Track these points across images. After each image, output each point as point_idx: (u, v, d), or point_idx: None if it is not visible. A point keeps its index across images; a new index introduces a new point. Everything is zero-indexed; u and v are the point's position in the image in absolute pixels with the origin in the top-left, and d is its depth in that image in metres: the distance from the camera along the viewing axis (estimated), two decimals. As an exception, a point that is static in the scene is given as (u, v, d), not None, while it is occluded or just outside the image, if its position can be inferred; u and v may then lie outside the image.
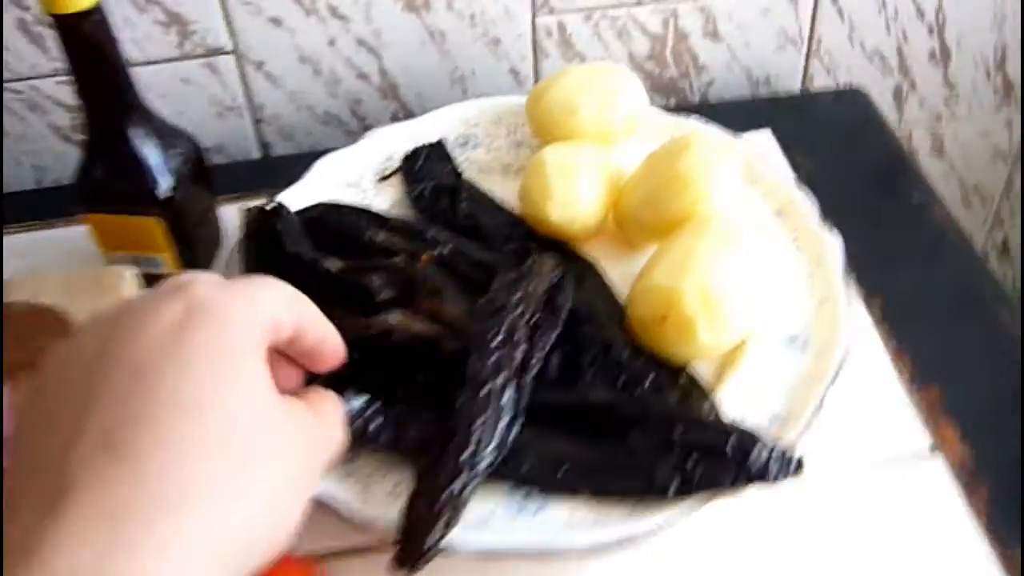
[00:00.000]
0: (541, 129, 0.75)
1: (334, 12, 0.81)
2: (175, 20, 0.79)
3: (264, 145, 0.89)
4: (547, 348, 0.59)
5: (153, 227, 0.68)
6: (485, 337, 0.57)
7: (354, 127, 0.89)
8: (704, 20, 0.87)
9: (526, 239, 0.70)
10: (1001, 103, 0.99)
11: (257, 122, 0.87)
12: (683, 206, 0.66)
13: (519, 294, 0.60)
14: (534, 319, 0.59)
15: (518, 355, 0.57)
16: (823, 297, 0.65)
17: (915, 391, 0.63)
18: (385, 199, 0.75)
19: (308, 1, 0.80)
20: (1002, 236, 1.12)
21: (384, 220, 0.70)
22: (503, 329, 0.58)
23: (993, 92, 0.98)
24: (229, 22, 0.80)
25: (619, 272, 0.67)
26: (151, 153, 0.66)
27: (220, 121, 0.86)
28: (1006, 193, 1.07)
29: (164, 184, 0.67)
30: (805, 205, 0.71)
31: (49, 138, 0.84)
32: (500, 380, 0.55)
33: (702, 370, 0.62)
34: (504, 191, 0.73)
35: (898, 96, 0.96)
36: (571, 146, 0.71)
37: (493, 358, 0.56)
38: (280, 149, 0.89)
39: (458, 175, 0.74)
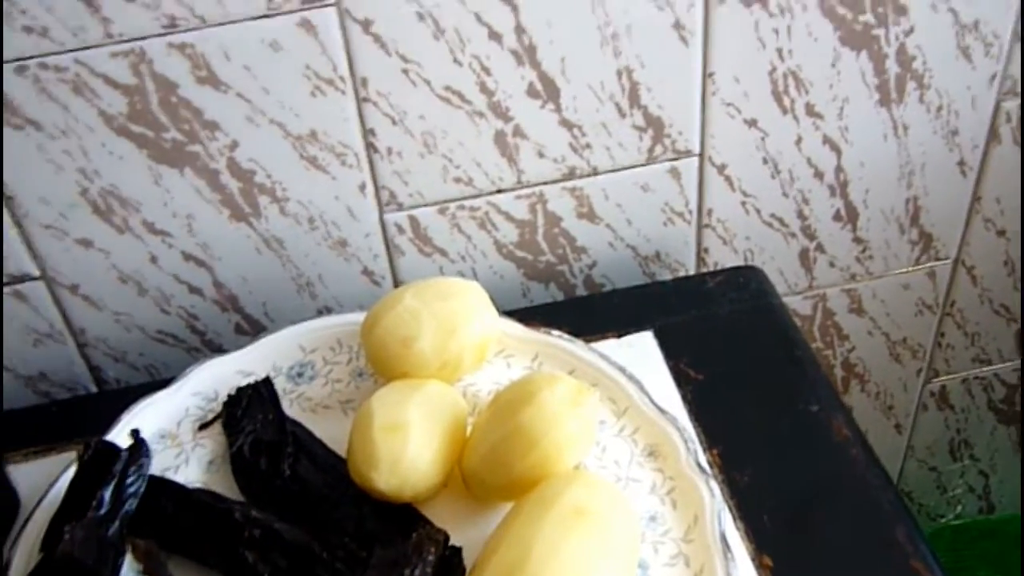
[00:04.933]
0: (378, 364, 0.65)
1: (151, 228, 0.72)
2: (-33, 250, 0.70)
3: (93, 369, 0.79)
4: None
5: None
6: None
7: (194, 343, 0.79)
8: (576, 202, 0.78)
9: (359, 502, 0.60)
10: (920, 256, 0.90)
11: (81, 347, 0.77)
12: (531, 467, 0.56)
13: None
14: None
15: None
16: (699, 568, 0.55)
17: None
18: (205, 453, 0.65)
19: (119, 220, 0.71)
20: (940, 386, 1.02)
21: (183, 496, 0.59)
22: None
23: (910, 246, 0.89)
24: (31, 247, 0.71)
25: (468, 538, 0.57)
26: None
27: (39, 348, 0.76)
28: (937, 343, 0.98)
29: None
30: (681, 442, 0.61)
31: None
32: None
33: None
34: (342, 433, 0.63)
35: (805, 259, 0.87)
36: (406, 390, 0.61)
37: None
38: (112, 372, 0.79)
39: (283, 425, 0.64)
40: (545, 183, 0.76)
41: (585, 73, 0.71)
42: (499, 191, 0.76)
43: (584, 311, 0.75)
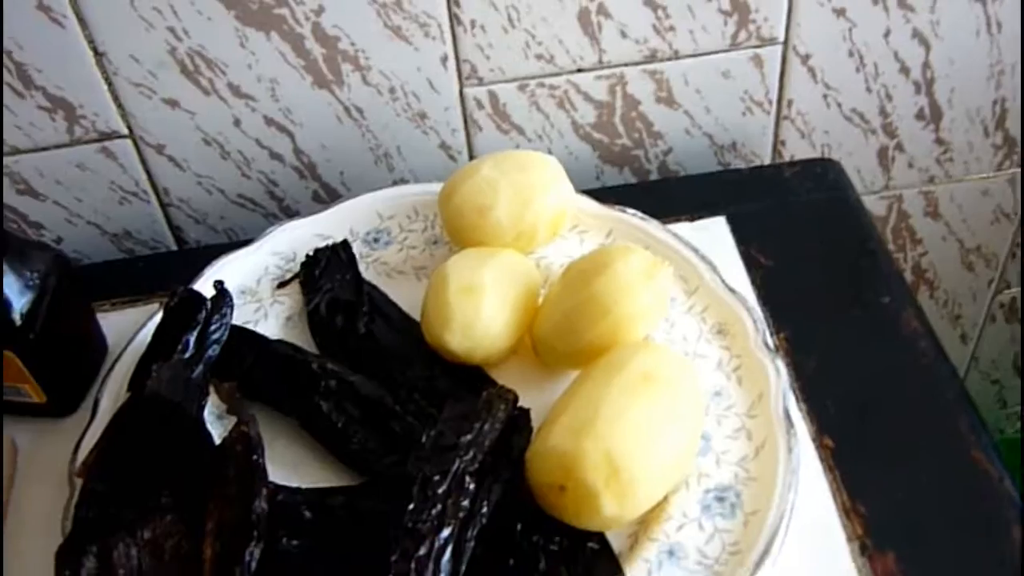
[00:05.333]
0: (453, 231, 0.66)
1: (236, 92, 0.73)
2: (60, 105, 0.71)
3: (175, 229, 0.81)
4: (495, 499, 0.52)
5: (9, 361, 0.60)
6: (431, 480, 0.50)
7: (272, 208, 0.81)
8: (656, 86, 0.77)
9: (430, 363, 0.62)
10: (1003, 161, 0.88)
11: (164, 206, 0.79)
12: (601, 335, 0.57)
13: (470, 435, 0.52)
14: (484, 463, 0.52)
15: (463, 507, 0.50)
16: (762, 442, 0.56)
17: (867, 559, 0.54)
18: (283, 310, 0.67)
19: (206, 81, 0.72)
20: (1010, 298, 1.01)
21: (263, 346, 0.62)
22: (451, 474, 0.50)
23: (993, 150, 0.87)
24: (120, 105, 0.72)
25: (535, 403, 0.58)
26: (-2, 280, 0.59)
27: (124, 207, 0.78)
28: (1012, 254, 0.96)
29: (16, 315, 0.59)
30: (750, 322, 0.61)
31: None
32: (443, 536, 0.48)
33: (614, 535, 0.54)
34: (416, 298, 0.65)
35: (884, 157, 0.86)
36: (481, 256, 0.62)
37: (437, 508, 0.49)
38: (193, 233, 0.81)
39: (359, 285, 0.66)
40: (626, 64, 0.76)
41: (673, -48, 0.70)
42: (579, 70, 0.76)
43: (658, 194, 0.76)
